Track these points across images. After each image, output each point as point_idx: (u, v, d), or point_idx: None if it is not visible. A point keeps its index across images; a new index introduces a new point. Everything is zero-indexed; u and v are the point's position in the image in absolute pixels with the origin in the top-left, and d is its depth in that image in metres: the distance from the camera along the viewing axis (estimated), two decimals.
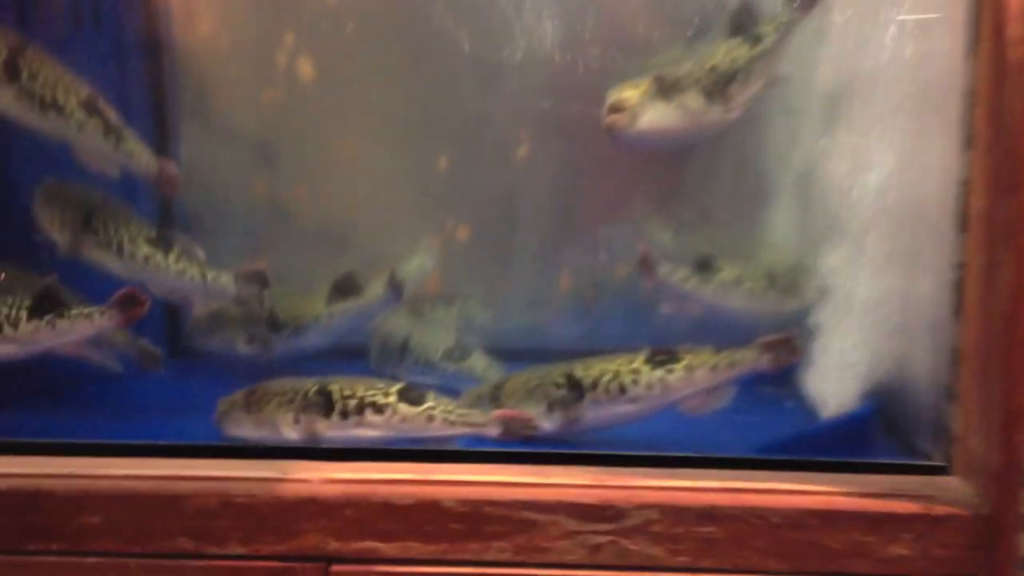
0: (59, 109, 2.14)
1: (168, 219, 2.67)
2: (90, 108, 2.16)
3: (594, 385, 1.92)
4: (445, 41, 2.52)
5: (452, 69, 2.58)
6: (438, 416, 1.89)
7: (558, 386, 1.93)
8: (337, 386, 1.87)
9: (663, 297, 2.44)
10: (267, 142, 2.70)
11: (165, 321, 2.84)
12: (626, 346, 2.48)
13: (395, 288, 2.50)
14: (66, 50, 2.31)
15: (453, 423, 1.89)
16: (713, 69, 2.09)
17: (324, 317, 2.54)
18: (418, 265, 2.75)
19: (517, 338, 2.69)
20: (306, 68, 2.64)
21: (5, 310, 2.04)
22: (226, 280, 2.30)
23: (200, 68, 2.69)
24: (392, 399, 1.84)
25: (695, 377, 1.94)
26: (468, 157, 2.69)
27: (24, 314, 2.04)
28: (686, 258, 2.44)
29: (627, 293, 2.64)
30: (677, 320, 2.55)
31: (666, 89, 2.07)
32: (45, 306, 2.04)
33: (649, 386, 1.91)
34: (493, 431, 1.89)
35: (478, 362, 2.51)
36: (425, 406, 1.85)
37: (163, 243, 2.28)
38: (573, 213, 2.73)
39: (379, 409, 1.84)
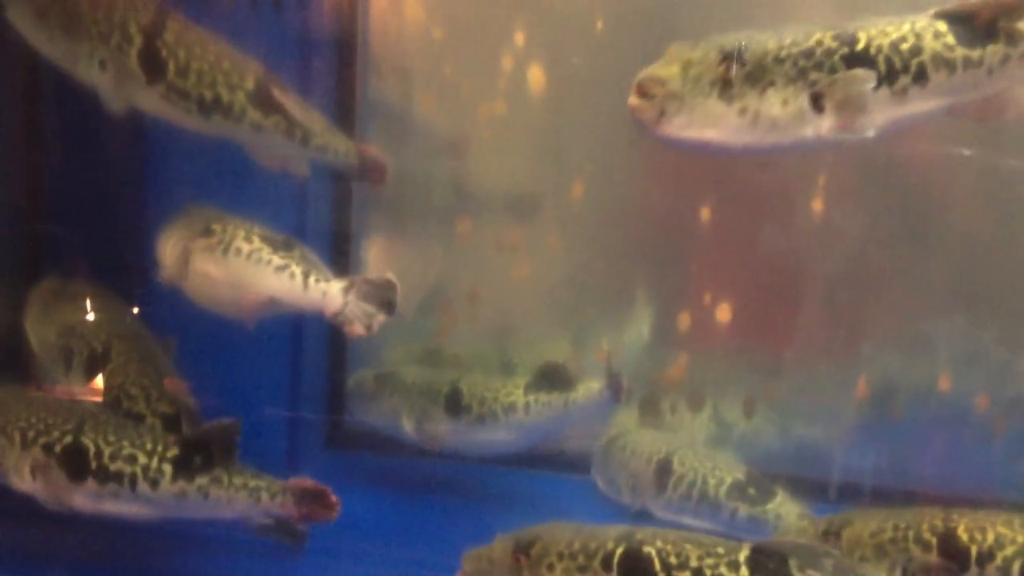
0: (224, 109, 1.58)
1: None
2: (264, 103, 1.60)
3: (988, 558, 1.34)
4: None
5: None
6: None
7: (924, 547, 1.36)
8: (651, 547, 1.29)
9: None
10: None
11: (326, 383, 2.16)
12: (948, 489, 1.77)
13: (616, 386, 1.83)
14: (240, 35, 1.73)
15: None
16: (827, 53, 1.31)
17: (522, 407, 1.90)
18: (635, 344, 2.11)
19: (785, 460, 1.94)
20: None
21: (142, 458, 1.47)
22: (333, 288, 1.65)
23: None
24: (742, 572, 1.25)
25: None
26: (739, 209, 1.97)
27: (168, 469, 1.48)
28: None
29: (950, 412, 1.87)
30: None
31: (725, 79, 1.29)
32: (197, 463, 1.48)
33: None
34: None
35: (787, 508, 1.77)
36: None
37: (278, 242, 1.67)
38: (885, 296, 1.96)
39: None
